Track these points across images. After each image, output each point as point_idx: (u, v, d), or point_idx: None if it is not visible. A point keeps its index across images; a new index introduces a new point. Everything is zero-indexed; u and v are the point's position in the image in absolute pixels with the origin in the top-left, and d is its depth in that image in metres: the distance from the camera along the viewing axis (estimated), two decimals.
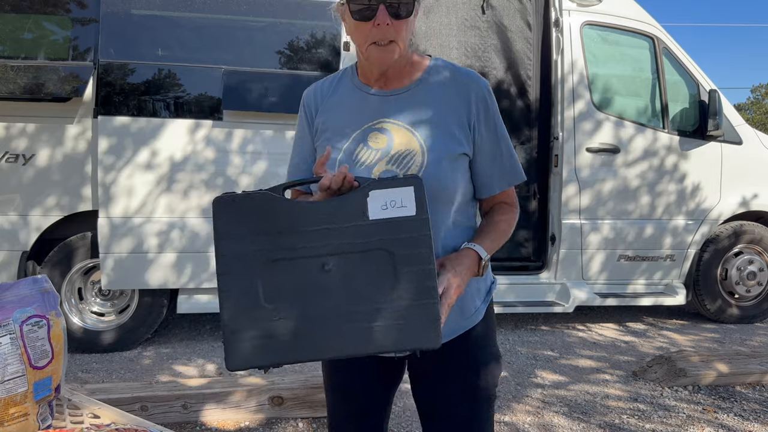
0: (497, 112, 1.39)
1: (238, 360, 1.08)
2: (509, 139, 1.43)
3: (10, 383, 1.03)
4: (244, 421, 2.94)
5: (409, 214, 1.09)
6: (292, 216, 1.09)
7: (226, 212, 1.10)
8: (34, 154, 3.82)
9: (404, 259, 1.08)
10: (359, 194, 1.09)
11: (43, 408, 1.10)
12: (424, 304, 1.07)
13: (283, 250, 1.09)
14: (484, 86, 1.38)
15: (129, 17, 3.89)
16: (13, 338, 1.04)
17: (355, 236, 1.08)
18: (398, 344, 1.07)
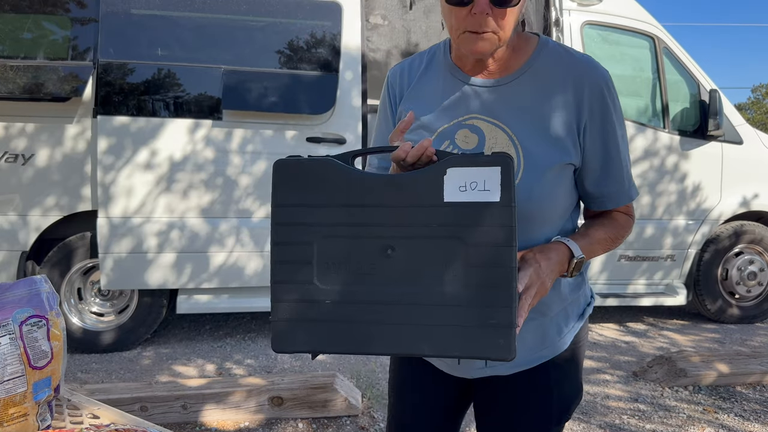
0: (616, 112, 1.12)
1: (284, 343, 0.98)
2: (627, 146, 1.17)
3: (9, 383, 1.03)
4: (243, 422, 2.94)
5: (491, 200, 0.91)
6: (358, 189, 0.96)
7: (285, 178, 0.99)
8: (34, 154, 3.82)
9: (480, 252, 0.92)
10: (436, 171, 0.93)
11: (43, 408, 1.09)
12: (496, 309, 0.91)
13: (344, 226, 0.96)
14: (602, 78, 1.10)
15: (129, 17, 3.89)
16: (13, 338, 1.03)
17: (426, 219, 0.93)
18: (463, 350, 0.92)
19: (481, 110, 1.14)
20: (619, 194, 1.16)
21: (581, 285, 1.22)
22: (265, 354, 4.07)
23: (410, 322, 0.94)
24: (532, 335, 1.17)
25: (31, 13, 3.83)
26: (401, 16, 4.56)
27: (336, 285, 0.96)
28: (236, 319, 4.92)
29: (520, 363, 1.18)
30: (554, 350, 1.19)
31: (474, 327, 0.92)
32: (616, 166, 1.13)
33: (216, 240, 3.98)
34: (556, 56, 1.13)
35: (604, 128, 1.11)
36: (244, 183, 3.99)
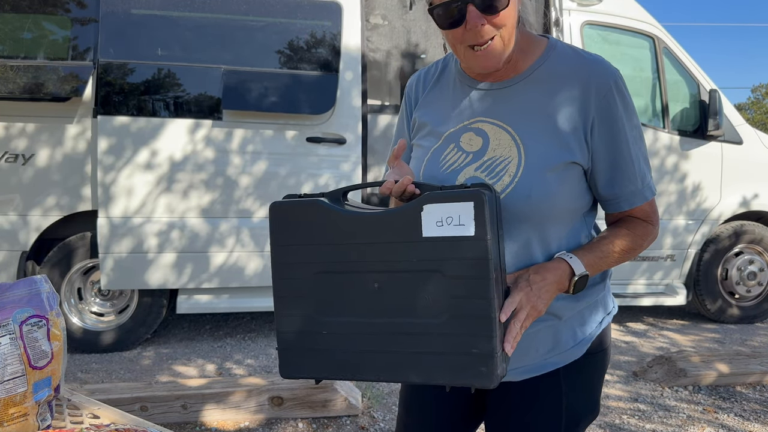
0: (627, 112, 1.10)
1: (289, 369, 1.07)
2: (643, 142, 1.14)
3: (9, 383, 1.03)
4: (243, 422, 2.94)
5: (466, 234, 0.95)
6: (345, 227, 1.02)
7: (280, 219, 1.07)
8: (34, 153, 3.82)
9: (459, 284, 0.96)
10: (414, 207, 0.98)
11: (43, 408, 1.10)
12: (478, 338, 0.94)
13: (334, 263, 1.03)
14: (611, 77, 1.09)
15: (129, 17, 3.89)
16: (13, 338, 1.04)
17: (407, 253, 0.98)
18: (447, 377, 0.97)
19: (485, 112, 1.15)
20: (632, 194, 1.14)
21: (599, 291, 1.20)
22: (265, 354, 4.07)
23: (398, 351, 1.00)
24: (544, 339, 1.15)
25: (31, 13, 3.83)
26: (401, 16, 4.57)
27: (330, 317, 1.03)
28: (236, 319, 4.92)
29: (531, 368, 1.16)
30: (567, 357, 1.16)
31: (457, 355, 0.96)
32: (627, 165, 1.12)
33: (216, 240, 3.98)
34: (564, 57, 1.14)
35: (613, 128, 1.10)
36: (244, 183, 3.99)
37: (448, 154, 1.17)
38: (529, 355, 1.16)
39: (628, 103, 1.11)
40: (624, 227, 1.16)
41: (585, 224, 1.19)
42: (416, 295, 0.98)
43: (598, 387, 1.22)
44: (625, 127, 1.10)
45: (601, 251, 1.12)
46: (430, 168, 1.18)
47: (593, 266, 1.11)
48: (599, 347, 1.20)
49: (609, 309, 1.23)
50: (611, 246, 1.14)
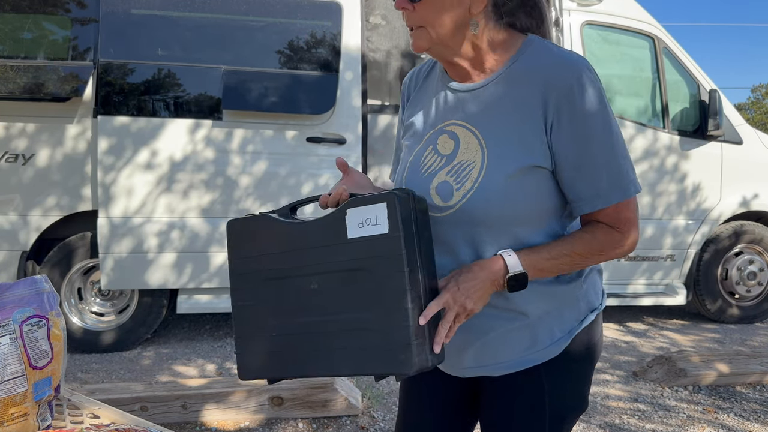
0: (591, 111, 1.06)
1: (246, 371, 1.16)
2: (615, 142, 1.08)
3: (9, 383, 1.03)
4: (244, 422, 2.94)
5: (382, 232, 1.04)
6: (288, 236, 1.13)
7: (234, 234, 1.19)
8: (34, 154, 3.82)
9: (380, 279, 1.04)
10: (339, 212, 1.08)
11: (43, 408, 1.10)
12: (395, 327, 1.02)
13: (279, 269, 1.13)
14: (573, 75, 1.05)
15: (129, 17, 3.89)
16: (13, 338, 1.04)
17: (337, 255, 1.08)
18: (374, 368, 1.05)
19: (458, 115, 1.15)
20: (593, 197, 1.09)
21: (575, 288, 1.18)
22: None
23: (334, 346, 1.08)
24: (519, 338, 1.16)
25: (32, 13, 3.84)
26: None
27: (278, 320, 1.13)
28: None
29: (509, 365, 1.17)
30: (546, 354, 1.16)
31: (380, 346, 1.04)
32: (588, 167, 1.08)
33: (216, 240, 3.98)
34: (534, 56, 1.11)
35: (573, 127, 1.06)
36: (244, 183, 3.99)
37: (427, 156, 1.18)
38: (504, 353, 1.17)
39: (593, 101, 1.06)
40: (587, 231, 1.13)
41: (560, 225, 1.16)
42: (346, 293, 1.07)
43: (583, 383, 1.21)
44: (588, 126, 1.06)
45: (548, 253, 1.10)
46: (412, 170, 1.20)
47: (535, 267, 1.10)
48: (584, 344, 1.19)
49: (594, 306, 1.22)
50: (563, 249, 1.11)
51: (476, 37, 1.12)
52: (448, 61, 1.16)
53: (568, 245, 1.11)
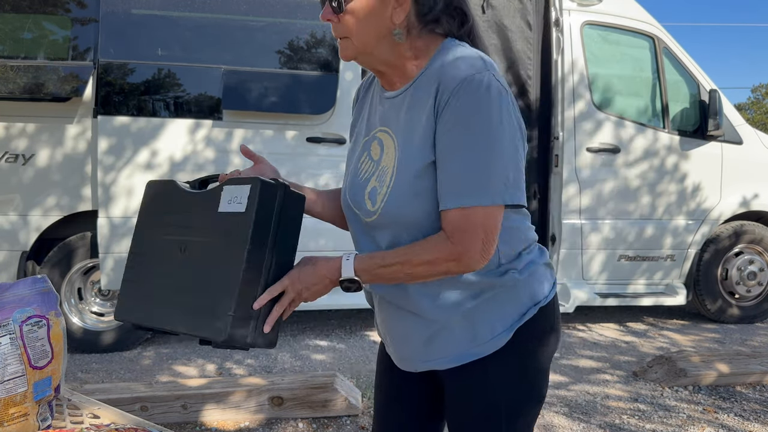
0: (474, 109, 1.06)
1: (120, 312, 1.28)
2: (488, 148, 1.07)
3: (9, 383, 1.03)
4: (244, 422, 2.94)
5: (240, 210, 1.14)
6: (182, 201, 1.26)
7: (148, 192, 1.35)
8: (34, 154, 3.82)
9: (229, 250, 1.14)
10: (218, 189, 1.20)
11: (43, 408, 1.10)
12: (223, 296, 1.11)
13: (162, 228, 1.26)
14: (462, 78, 1.07)
15: (129, 17, 3.89)
16: (13, 338, 1.04)
17: (205, 224, 1.19)
18: (199, 330, 1.13)
19: (384, 121, 1.21)
20: (444, 195, 1.10)
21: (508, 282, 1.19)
22: (265, 354, 4.07)
23: (179, 303, 1.17)
24: (459, 332, 1.19)
25: (32, 13, 3.84)
26: None
27: (153, 271, 1.25)
28: None
29: (452, 359, 1.20)
30: (487, 348, 1.18)
31: (208, 311, 1.13)
32: (451, 164, 1.08)
33: None
34: (441, 57, 1.13)
35: (449, 124, 1.08)
36: None
37: (363, 162, 1.23)
38: (447, 348, 1.20)
39: (475, 103, 1.06)
40: (430, 238, 1.13)
41: None
42: (202, 258, 1.17)
43: (534, 376, 1.22)
44: (461, 125, 1.07)
45: (383, 259, 1.14)
46: (352, 177, 1.25)
47: (368, 272, 1.14)
48: (529, 337, 1.20)
49: (538, 300, 1.21)
50: (398, 256, 1.13)
51: (400, 45, 1.15)
52: (377, 70, 1.21)
53: (403, 253, 1.12)
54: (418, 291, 1.19)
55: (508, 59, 4.69)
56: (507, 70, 4.70)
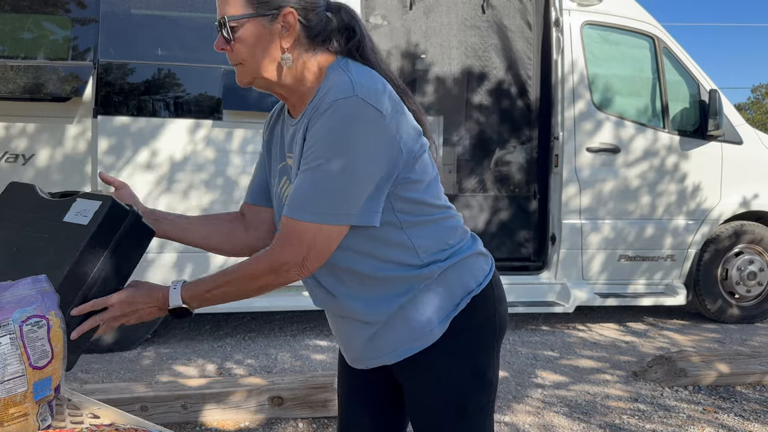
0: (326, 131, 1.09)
1: None
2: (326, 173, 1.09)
3: (9, 383, 1.03)
4: (244, 422, 2.94)
5: (82, 223, 1.18)
6: (31, 206, 1.32)
7: (7, 191, 1.40)
8: (34, 154, 3.82)
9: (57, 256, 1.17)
10: (71, 199, 1.24)
11: (43, 408, 1.10)
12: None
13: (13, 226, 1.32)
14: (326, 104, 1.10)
15: (129, 17, 3.89)
16: (13, 338, 1.04)
17: (47, 230, 1.24)
18: None
19: (290, 147, 1.23)
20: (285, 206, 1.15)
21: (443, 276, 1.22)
22: (265, 354, 4.07)
23: None
24: (400, 327, 1.23)
25: (32, 13, 3.84)
26: (401, 16, 4.56)
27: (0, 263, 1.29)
28: (236, 319, 4.92)
29: (398, 353, 1.24)
30: (427, 340, 1.22)
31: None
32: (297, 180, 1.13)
33: None
34: (323, 84, 1.16)
35: (306, 144, 1.12)
36: (244, 183, 3.99)
37: (283, 186, 1.26)
38: (392, 343, 1.24)
39: (328, 129, 1.09)
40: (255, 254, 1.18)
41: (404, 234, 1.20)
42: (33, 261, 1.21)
43: (478, 362, 1.26)
44: (312, 144, 1.10)
45: (209, 283, 1.18)
46: (276, 199, 1.31)
47: (197, 299, 1.19)
48: (467, 325, 1.24)
49: (470, 289, 1.24)
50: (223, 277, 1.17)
51: (292, 70, 1.19)
52: (277, 94, 1.24)
53: (229, 273, 1.16)
54: (348, 296, 1.24)
55: (508, 59, 4.69)
56: (507, 70, 4.70)
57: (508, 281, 4.55)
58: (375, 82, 1.13)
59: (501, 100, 4.71)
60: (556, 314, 5.15)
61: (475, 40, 4.64)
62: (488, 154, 4.78)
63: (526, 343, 4.38)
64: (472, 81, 4.70)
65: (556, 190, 4.60)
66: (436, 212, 1.23)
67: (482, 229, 4.70)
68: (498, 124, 4.75)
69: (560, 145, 4.53)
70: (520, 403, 3.26)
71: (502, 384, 3.54)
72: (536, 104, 4.71)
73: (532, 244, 4.77)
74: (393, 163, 1.13)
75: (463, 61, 4.64)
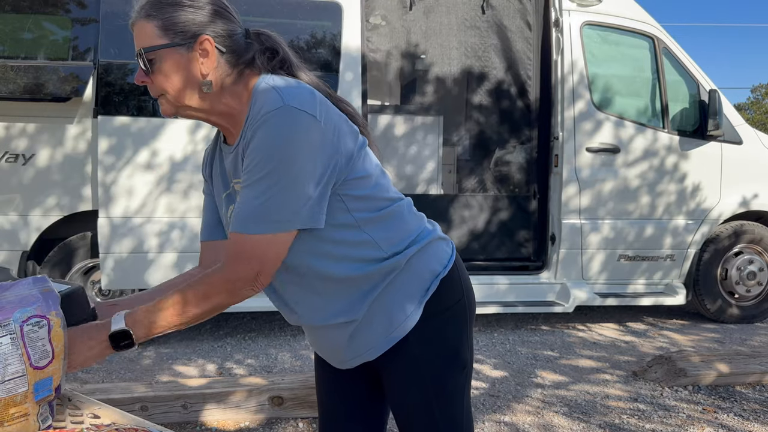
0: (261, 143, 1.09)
1: None
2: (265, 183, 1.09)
3: (10, 383, 1.03)
4: (244, 421, 2.94)
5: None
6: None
7: None
8: (34, 154, 3.82)
9: None
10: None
11: (44, 408, 1.10)
12: None
13: None
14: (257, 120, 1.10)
15: (129, 17, 3.88)
16: (14, 338, 1.04)
17: None
18: None
19: (234, 173, 1.22)
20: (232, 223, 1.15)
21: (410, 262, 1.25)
22: (265, 354, 4.07)
23: None
24: (378, 323, 1.25)
25: (32, 13, 3.84)
26: (401, 16, 4.57)
27: None
28: (236, 319, 4.93)
29: (378, 348, 1.26)
30: (405, 328, 1.24)
31: None
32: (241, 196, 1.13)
33: None
34: (253, 102, 1.14)
35: (246, 161, 1.12)
36: None
37: (229, 214, 1.26)
38: (371, 340, 1.26)
39: (261, 141, 1.09)
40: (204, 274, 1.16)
41: (363, 232, 1.21)
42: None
43: (452, 341, 1.28)
44: (250, 160, 1.11)
45: (155, 307, 1.14)
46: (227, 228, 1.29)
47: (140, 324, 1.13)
48: (440, 307, 1.27)
49: (437, 272, 1.27)
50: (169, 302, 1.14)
51: (217, 95, 1.19)
52: (210, 121, 1.24)
53: (178, 294, 1.13)
54: (327, 302, 1.25)
55: (508, 59, 4.69)
56: (507, 70, 4.70)
57: (507, 281, 4.55)
58: (301, 89, 1.13)
59: (501, 100, 4.71)
60: (556, 314, 5.15)
61: (475, 40, 4.64)
62: (488, 154, 4.78)
63: (526, 343, 4.38)
64: (472, 81, 4.71)
65: (555, 190, 4.61)
66: (390, 204, 1.25)
67: (482, 229, 4.70)
68: (498, 124, 4.75)
69: (560, 145, 4.54)
70: (520, 403, 3.27)
71: (502, 384, 3.54)
72: (536, 104, 4.71)
73: (531, 244, 4.77)
74: (333, 163, 1.14)
75: (463, 62, 4.65)
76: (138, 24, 1.24)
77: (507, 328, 4.81)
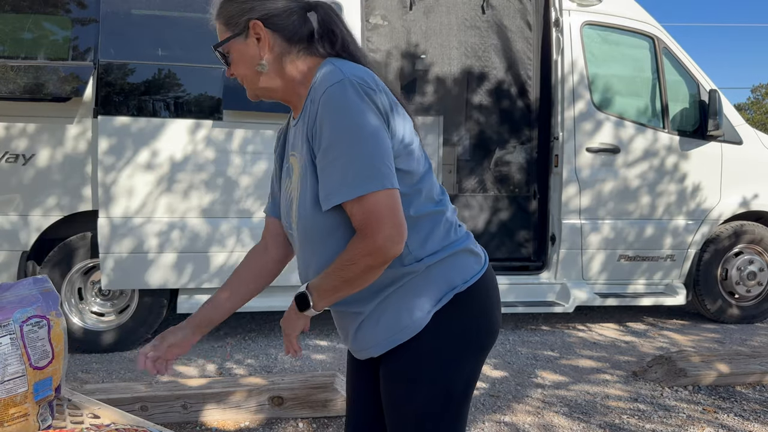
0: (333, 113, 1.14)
1: None
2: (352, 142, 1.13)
3: (10, 383, 1.03)
4: (244, 421, 2.94)
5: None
6: None
7: None
8: (34, 154, 3.82)
9: None
10: None
11: (43, 408, 1.10)
12: None
13: None
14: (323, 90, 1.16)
15: (129, 17, 3.89)
16: (14, 338, 1.04)
17: None
18: None
19: (293, 147, 1.30)
20: (326, 197, 1.17)
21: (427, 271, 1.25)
22: (265, 354, 4.07)
23: None
24: (384, 321, 1.27)
25: (32, 13, 3.84)
26: (401, 16, 4.57)
27: None
28: (236, 319, 4.93)
29: (381, 346, 1.28)
30: (409, 332, 1.25)
31: None
32: (326, 167, 1.16)
33: (216, 240, 3.98)
34: (313, 82, 1.21)
35: (320, 134, 1.15)
36: (244, 183, 3.99)
37: (286, 184, 1.34)
38: (376, 336, 1.28)
39: (333, 107, 1.14)
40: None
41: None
42: None
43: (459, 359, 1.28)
44: (326, 129, 1.14)
45: (325, 273, 1.22)
46: (283, 198, 1.37)
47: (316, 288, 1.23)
48: (450, 321, 1.26)
49: (454, 285, 1.27)
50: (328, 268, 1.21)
51: (278, 73, 1.27)
52: (283, 100, 1.32)
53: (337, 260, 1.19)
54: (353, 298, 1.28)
55: (508, 59, 4.69)
56: (507, 70, 4.70)
57: (508, 281, 4.55)
58: (364, 71, 1.20)
59: (501, 100, 4.71)
60: (556, 314, 5.15)
61: (475, 40, 4.64)
62: (488, 154, 4.78)
63: (526, 343, 4.38)
64: (472, 81, 4.71)
65: (555, 190, 4.61)
66: (429, 207, 1.26)
67: (482, 229, 4.70)
68: (498, 124, 4.75)
69: (560, 145, 4.54)
70: (520, 403, 3.27)
71: (502, 384, 3.54)
72: (536, 104, 4.71)
73: (532, 244, 4.77)
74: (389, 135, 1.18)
75: (463, 61, 4.64)
76: (216, 25, 1.33)
77: (507, 328, 4.81)
